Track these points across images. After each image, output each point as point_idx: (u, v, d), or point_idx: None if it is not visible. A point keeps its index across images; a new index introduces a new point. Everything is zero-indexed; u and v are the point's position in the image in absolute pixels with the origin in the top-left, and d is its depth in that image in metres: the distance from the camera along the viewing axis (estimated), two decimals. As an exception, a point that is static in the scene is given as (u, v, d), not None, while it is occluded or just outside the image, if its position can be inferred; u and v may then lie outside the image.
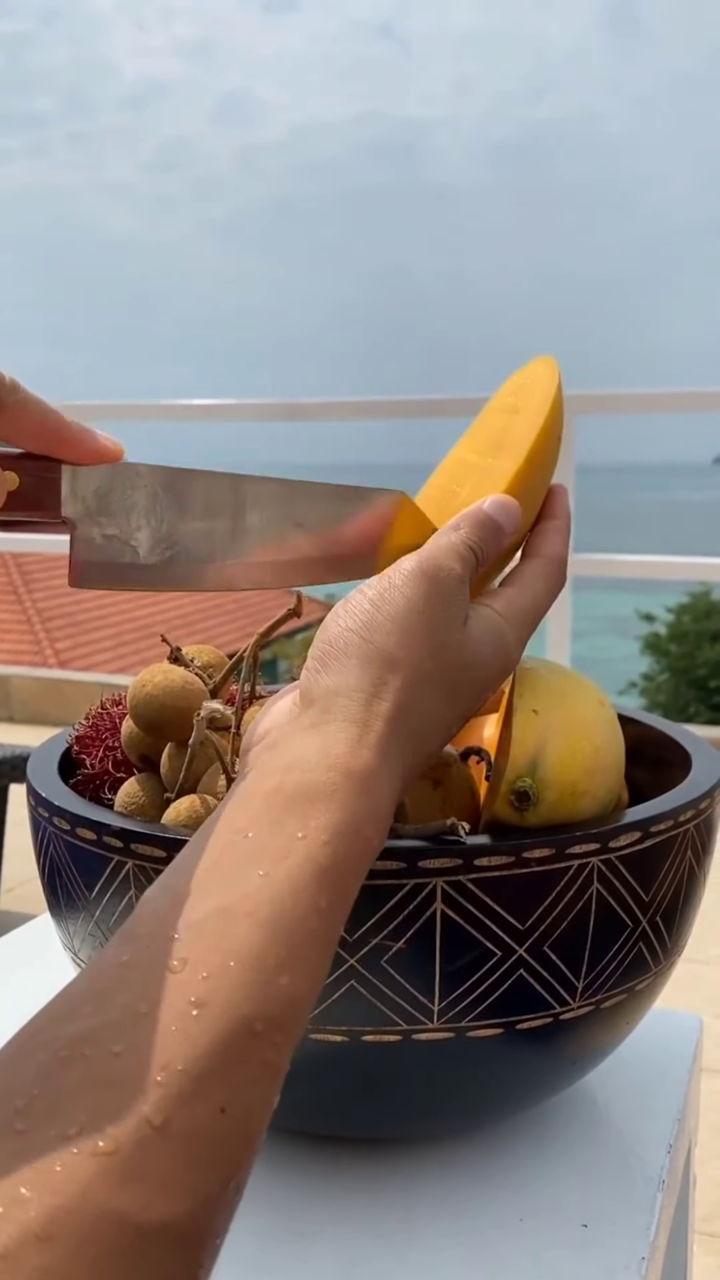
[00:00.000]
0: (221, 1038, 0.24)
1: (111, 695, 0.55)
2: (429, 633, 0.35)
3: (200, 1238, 0.22)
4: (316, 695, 0.34)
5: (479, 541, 0.39)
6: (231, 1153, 0.23)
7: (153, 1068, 0.23)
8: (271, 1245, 0.43)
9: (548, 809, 0.42)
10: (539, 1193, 0.45)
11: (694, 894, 0.46)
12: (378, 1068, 0.41)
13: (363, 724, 0.33)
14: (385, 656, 0.34)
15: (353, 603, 0.36)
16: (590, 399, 2.76)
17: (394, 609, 0.35)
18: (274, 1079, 0.25)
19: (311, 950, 0.27)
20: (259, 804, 0.30)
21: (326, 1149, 0.48)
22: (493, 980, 0.40)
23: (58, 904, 0.47)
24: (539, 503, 0.45)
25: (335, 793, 0.30)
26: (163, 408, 3.26)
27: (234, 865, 0.28)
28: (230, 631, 11.27)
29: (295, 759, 0.31)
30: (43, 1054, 0.23)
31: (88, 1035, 0.23)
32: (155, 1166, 0.22)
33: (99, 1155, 0.21)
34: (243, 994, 0.25)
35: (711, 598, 12.89)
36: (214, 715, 0.46)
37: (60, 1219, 0.20)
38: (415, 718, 0.34)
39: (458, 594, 0.37)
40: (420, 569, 0.37)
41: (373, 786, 0.31)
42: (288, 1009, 0.26)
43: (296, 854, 0.28)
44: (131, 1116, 0.22)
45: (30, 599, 10.88)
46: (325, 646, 0.35)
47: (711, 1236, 1.26)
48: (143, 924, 0.27)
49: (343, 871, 0.29)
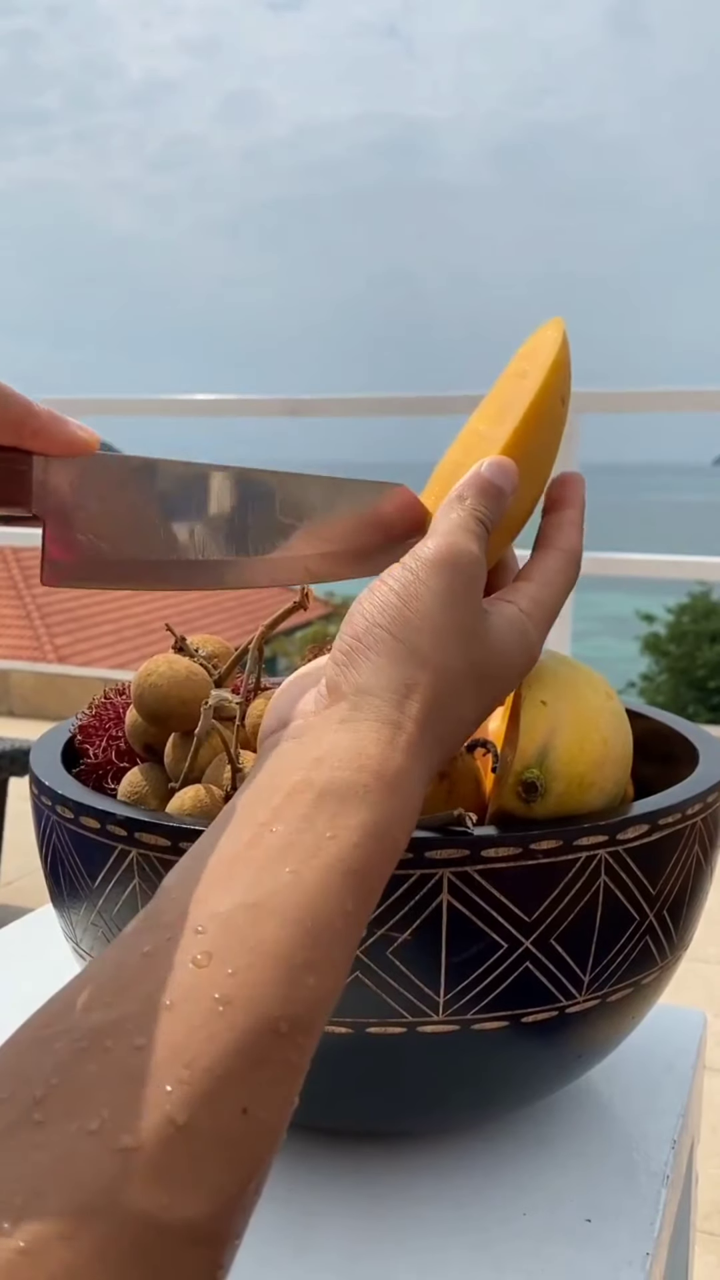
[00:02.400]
0: (246, 1037, 0.24)
1: (115, 685, 0.55)
2: (457, 628, 0.35)
3: (221, 1238, 0.22)
4: (346, 691, 0.33)
5: (485, 509, 0.38)
6: (253, 1153, 0.23)
7: (176, 1064, 0.22)
8: (274, 1238, 0.42)
9: (555, 801, 0.42)
10: (543, 1187, 0.45)
11: (701, 888, 0.46)
12: (382, 1060, 0.41)
13: (395, 725, 0.32)
14: (417, 656, 0.34)
15: (379, 595, 0.35)
16: (592, 397, 2.76)
17: (423, 605, 0.35)
18: (295, 1080, 0.25)
19: (337, 951, 0.27)
20: (284, 798, 0.29)
21: (330, 1142, 0.48)
22: (499, 972, 0.39)
23: (60, 894, 0.46)
24: (546, 466, 0.44)
25: (367, 795, 0.30)
26: (163, 403, 3.26)
27: (261, 860, 0.27)
28: (230, 629, 11.27)
29: (324, 755, 0.31)
30: (61, 1043, 0.23)
31: (109, 1027, 0.23)
32: (178, 1165, 0.21)
33: (122, 1152, 0.21)
34: (269, 993, 0.24)
35: (711, 598, 12.89)
36: (221, 704, 0.45)
37: (84, 1217, 0.20)
38: (444, 718, 0.34)
39: (479, 576, 0.37)
40: (441, 557, 0.36)
41: (403, 789, 0.31)
42: (312, 1010, 0.25)
43: (326, 854, 0.28)
44: (155, 1113, 0.22)
45: (30, 594, 10.87)
46: (353, 641, 0.34)
47: (711, 1235, 1.25)
48: (165, 914, 0.26)
49: (370, 874, 0.29)
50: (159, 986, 0.24)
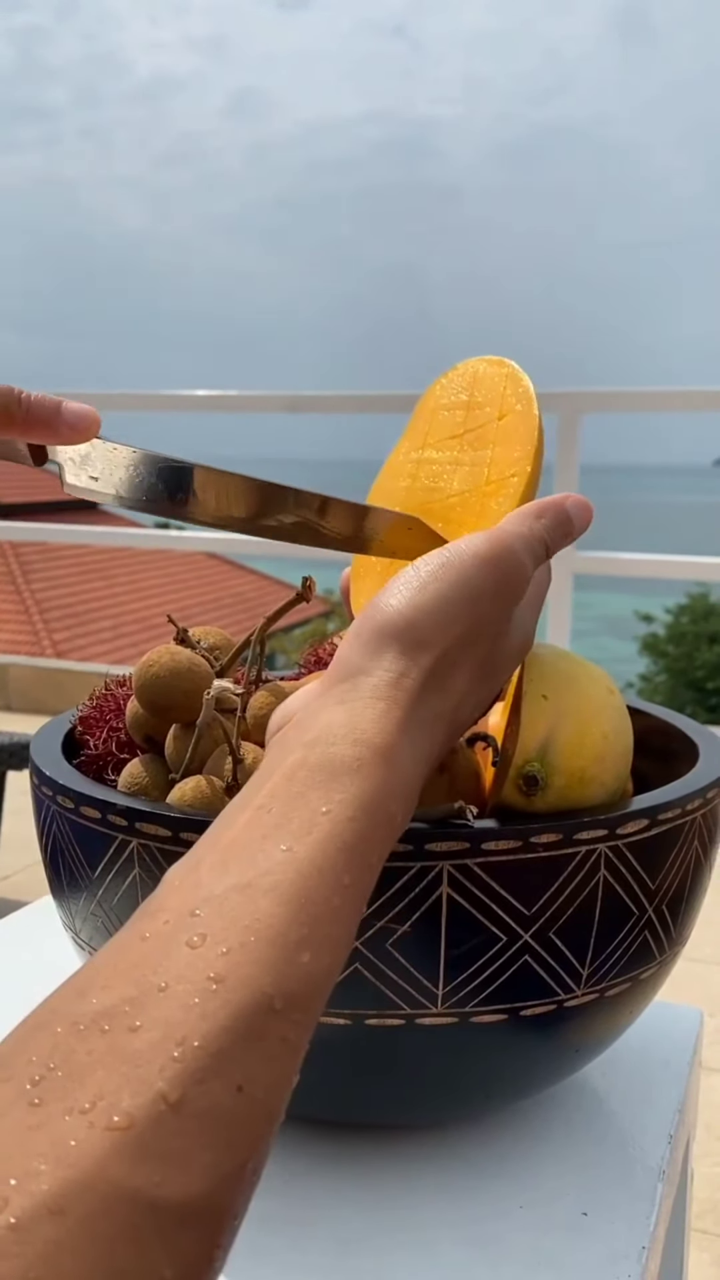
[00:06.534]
0: (240, 1014, 0.24)
1: (116, 677, 0.55)
2: (474, 620, 0.35)
3: (217, 1217, 0.22)
4: (346, 672, 0.33)
5: (552, 537, 0.39)
6: (249, 1132, 0.23)
7: (169, 1043, 0.23)
8: (270, 1230, 0.42)
9: (556, 795, 0.42)
10: (539, 1181, 0.45)
11: (700, 884, 0.46)
12: (380, 1052, 0.41)
13: (390, 700, 0.32)
14: (419, 637, 0.34)
15: (401, 580, 0.36)
16: (592, 397, 2.76)
17: (444, 589, 0.35)
18: (293, 1057, 0.25)
19: (334, 928, 0.27)
20: (281, 779, 0.30)
21: (326, 1134, 0.48)
22: (498, 966, 0.40)
23: (60, 884, 0.46)
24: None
25: (361, 767, 0.30)
26: (164, 398, 3.26)
27: (257, 840, 0.28)
28: (229, 626, 11.25)
29: (320, 733, 0.31)
30: (61, 1027, 0.23)
31: (106, 1010, 0.23)
32: (170, 1143, 0.21)
33: (113, 1130, 0.21)
34: (262, 970, 0.24)
35: (710, 599, 12.89)
36: (223, 696, 0.45)
37: (73, 1193, 0.20)
38: (444, 697, 0.34)
39: (519, 592, 0.37)
40: (491, 557, 0.36)
41: (399, 763, 0.31)
42: (308, 986, 0.25)
43: (321, 829, 0.28)
44: (146, 1092, 0.22)
45: (29, 589, 10.87)
46: (363, 623, 0.35)
47: (703, 1233, 1.26)
48: (163, 901, 0.27)
49: (367, 848, 0.29)
50: (154, 970, 0.24)
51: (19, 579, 11.00)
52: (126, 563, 12.52)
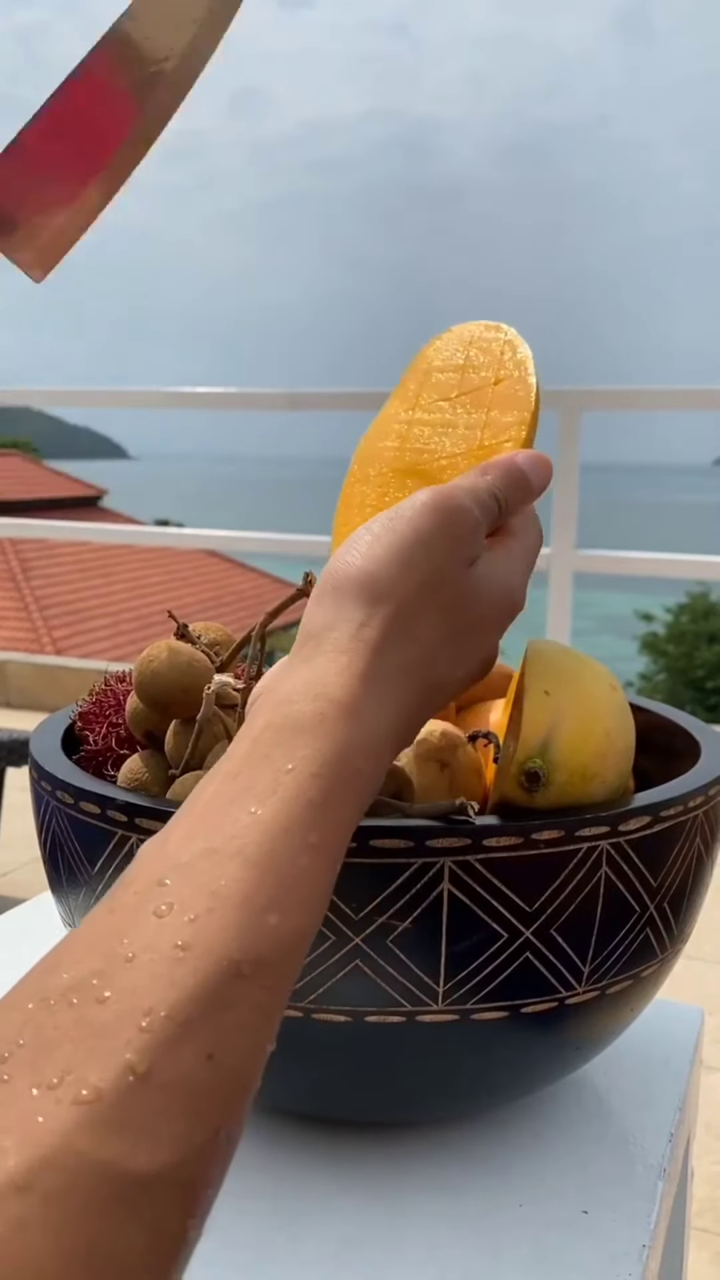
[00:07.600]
0: (207, 981, 0.23)
1: (116, 672, 0.55)
2: (431, 568, 0.35)
3: (189, 1187, 0.22)
4: (310, 632, 0.33)
5: (505, 491, 0.38)
6: (221, 1101, 0.23)
7: (137, 1014, 0.22)
8: (268, 1226, 0.42)
9: (557, 791, 0.42)
10: (540, 1179, 0.45)
11: (701, 881, 0.46)
12: (381, 1049, 0.41)
13: (351, 653, 0.32)
14: (377, 588, 0.34)
15: (356, 537, 0.35)
16: (592, 396, 2.76)
17: (396, 539, 0.35)
18: (266, 1024, 0.24)
19: (303, 888, 0.26)
20: (248, 743, 0.29)
21: (326, 1131, 0.48)
22: (499, 963, 0.39)
23: (59, 880, 0.46)
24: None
25: (323, 722, 0.29)
26: (166, 395, 3.25)
27: (224, 805, 0.27)
28: (229, 624, 11.22)
29: (284, 695, 0.31)
30: (32, 1004, 0.23)
31: (75, 984, 0.23)
32: (139, 1115, 0.21)
33: (80, 1104, 0.21)
34: (229, 935, 0.24)
35: (710, 598, 12.89)
36: (223, 691, 0.45)
37: (39, 1168, 0.20)
38: (411, 646, 0.34)
39: (469, 539, 0.36)
40: (434, 503, 0.36)
41: (364, 717, 0.30)
42: (278, 949, 0.25)
43: (285, 789, 0.27)
44: (114, 1064, 0.21)
45: (28, 586, 10.87)
46: (322, 584, 0.35)
47: (703, 1231, 1.26)
48: (134, 873, 0.26)
49: (334, 805, 0.28)
50: (122, 940, 0.24)
51: (19, 576, 11.00)
52: (126, 560, 12.53)
